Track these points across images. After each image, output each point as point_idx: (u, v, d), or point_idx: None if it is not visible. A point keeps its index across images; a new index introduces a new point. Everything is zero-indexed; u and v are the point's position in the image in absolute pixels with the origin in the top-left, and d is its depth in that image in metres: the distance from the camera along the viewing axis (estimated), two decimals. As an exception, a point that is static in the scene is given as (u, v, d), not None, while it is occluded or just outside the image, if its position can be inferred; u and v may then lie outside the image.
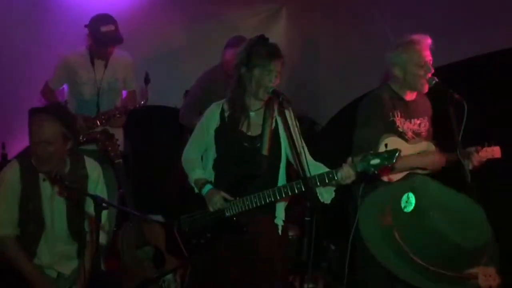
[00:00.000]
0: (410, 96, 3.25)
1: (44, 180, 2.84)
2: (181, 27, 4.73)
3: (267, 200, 2.86)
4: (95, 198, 2.52)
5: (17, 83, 4.27)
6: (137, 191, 3.95)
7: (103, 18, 3.85)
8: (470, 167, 3.11)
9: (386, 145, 2.97)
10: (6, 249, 2.79)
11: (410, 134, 3.20)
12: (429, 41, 3.10)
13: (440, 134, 3.33)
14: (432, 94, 3.29)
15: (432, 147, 3.18)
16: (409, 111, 3.21)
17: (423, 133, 3.28)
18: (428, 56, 3.10)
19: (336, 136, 4.86)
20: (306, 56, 5.00)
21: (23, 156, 2.89)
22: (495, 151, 3.24)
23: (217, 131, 3.04)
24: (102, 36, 3.82)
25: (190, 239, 3.04)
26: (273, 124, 3.02)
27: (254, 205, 2.88)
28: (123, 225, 3.75)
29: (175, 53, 4.94)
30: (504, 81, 3.84)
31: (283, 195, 2.86)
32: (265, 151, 2.96)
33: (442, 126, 3.23)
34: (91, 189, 2.90)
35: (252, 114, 3.03)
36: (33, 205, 2.81)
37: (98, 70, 3.96)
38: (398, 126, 3.15)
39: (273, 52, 2.92)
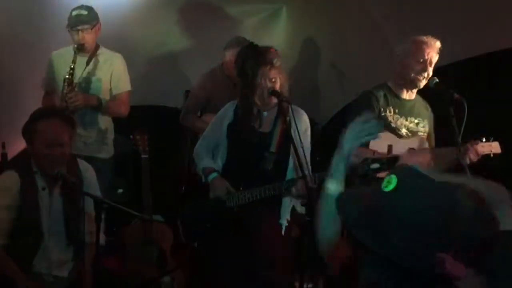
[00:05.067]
0: (407, 95, 3.27)
1: (43, 189, 2.82)
2: (181, 26, 4.73)
3: (267, 194, 2.90)
4: (96, 199, 2.52)
5: (17, 83, 4.26)
6: (137, 191, 3.95)
7: (79, 5, 3.79)
8: (468, 161, 3.08)
9: (391, 146, 3.00)
10: None
11: (404, 130, 3.23)
12: (438, 44, 3.15)
13: (441, 135, 3.33)
14: (432, 94, 3.31)
15: (425, 144, 3.19)
16: (405, 109, 3.25)
17: (421, 134, 3.30)
18: (430, 56, 3.14)
19: (336, 136, 4.85)
20: (306, 56, 5.00)
21: (20, 165, 2.85)
22: (493, 147, 3.21)
23: (229, 126, 3.09)
24: (72, 18, 3.75)
25: (190, 226, 3.07)
26: (286, 123, 3.04)
27: (254, 198, 2.91)
28: (132, 221, 3.79)
29: (175, 53, 4.93)
30: (504, 81, 3.85)
31: (283, 190, 2.90)
32: (273, 148, 2.99)
33: (442, 126, 3.24)
34: (85, 190, 2.89)
35: (265, 113, 3.06)
36: (31, 217, 2.79)
37: (79, 67, 3.81)
38: (391, 122, 3.20)
39: (262, 60, 2.95)
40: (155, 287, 3.65)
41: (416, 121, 3.28)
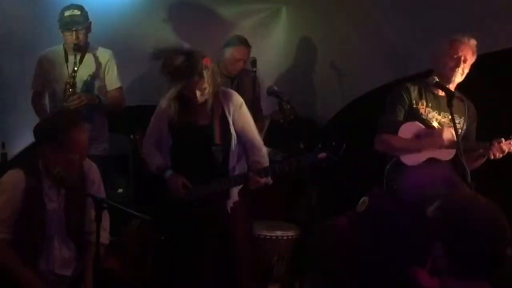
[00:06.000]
0: (443, 91, 3.29)
1: (49, 188, 2.82)
2: (181, 26, 4.73)
3: (223, 187, 3.04)
4: (96, 199, 2.53)
5: (17, 83, 4.26)
6: (137, 191, 3.95)
7: (69, 5, 3.77)
8: (492, 157, 3.19)
9: (419, 137, 3.17)
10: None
11: (435, 123, 3.28)
12: (473, 42, 3.23)
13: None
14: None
15: (448, 134, 3.20)
16: (439, 105, 3.30)
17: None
18: (464, 53, 3.22)
19: (336, 136, 4.85)
20: (306, 56, 5.00)
21: (26, 164, 2.83)
22: None
23: (169, 122, 3.17)
24: (65, 19, 3.73)
25: (159, 221, 3.13)
26: (221, 112, 3.11)
27: (212, 192, 3.03)
28: (132, 221, 3.79)
29: (175, 53, 4.93)
30: (504, 81, 3.85)
31: (238, 183, 3.05)
32: (217, 140, 3.06)
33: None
34: (89, 188, 2.90)
35: (200, 104, 3.10)
36: (37, 216, 2.78)
37: (72, 66, 3.77)
38: (422, 114, 3.27)
39: (181, 75, 3.05)
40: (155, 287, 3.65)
41: (450, 118, 3.29)
